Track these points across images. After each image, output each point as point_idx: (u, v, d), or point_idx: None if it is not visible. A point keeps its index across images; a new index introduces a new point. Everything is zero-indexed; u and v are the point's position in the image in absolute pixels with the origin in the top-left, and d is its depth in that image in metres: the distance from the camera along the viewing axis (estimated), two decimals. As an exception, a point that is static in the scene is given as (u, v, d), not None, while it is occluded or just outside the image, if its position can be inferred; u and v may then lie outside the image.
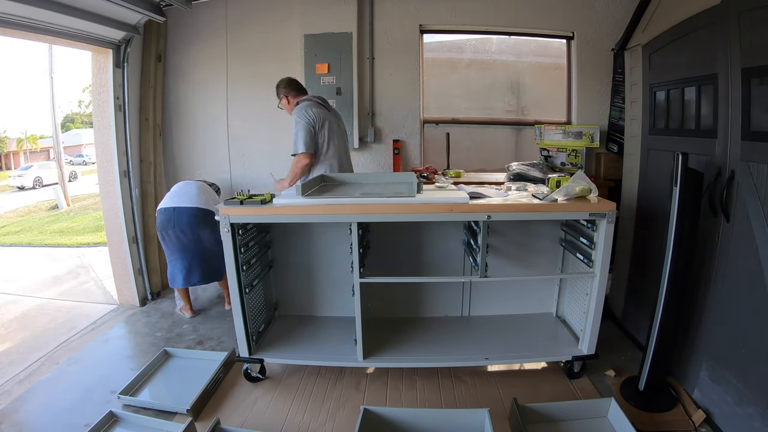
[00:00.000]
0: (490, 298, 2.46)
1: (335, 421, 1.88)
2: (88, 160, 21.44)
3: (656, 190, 2.32)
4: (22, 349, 2.59)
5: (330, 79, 3.24)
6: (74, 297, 3.51)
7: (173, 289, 2.93)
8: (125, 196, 3.04)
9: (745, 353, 1.65)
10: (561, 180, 2.06)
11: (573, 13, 3.21)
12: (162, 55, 3.25)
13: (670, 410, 1.86)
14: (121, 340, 2.70)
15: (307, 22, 3.21)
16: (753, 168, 1.59)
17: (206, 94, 3.40)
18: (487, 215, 1.87)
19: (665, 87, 2.22)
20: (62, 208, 10.39)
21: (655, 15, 2.37)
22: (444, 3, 3.23)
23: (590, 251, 1.99)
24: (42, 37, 2.45)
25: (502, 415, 1.86)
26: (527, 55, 3.49)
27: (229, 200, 1.95)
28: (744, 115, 1.64)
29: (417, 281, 2.44)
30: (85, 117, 26.70)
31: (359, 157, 3.39)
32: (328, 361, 2.14)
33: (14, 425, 1.91)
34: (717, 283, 1.80)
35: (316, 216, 1.92)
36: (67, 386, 2.17)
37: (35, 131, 25.27)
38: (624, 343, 2.46)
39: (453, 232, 2.35)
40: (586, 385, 2.08)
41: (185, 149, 3.48)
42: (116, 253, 3.12)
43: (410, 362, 2.11)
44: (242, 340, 2.07)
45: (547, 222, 2.30)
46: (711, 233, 1.82)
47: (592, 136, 3.15)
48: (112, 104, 2.89)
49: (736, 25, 1.65)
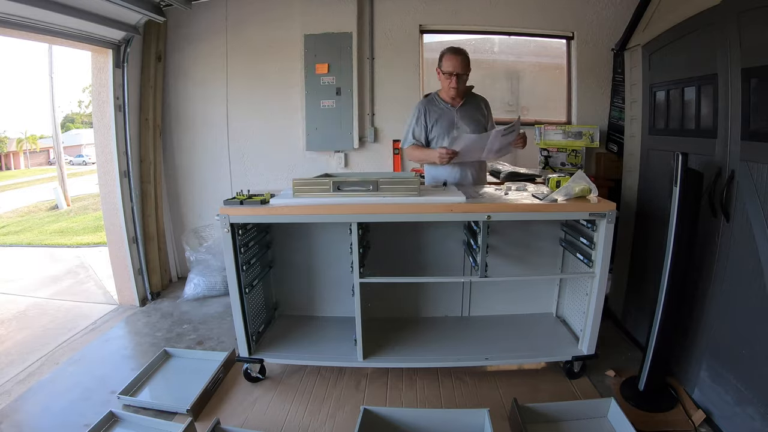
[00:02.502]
0: (490, 298, 2.46)
1: (335, 421, 1.88)
2: (88, 160, 21.46)
3: (656, 190, 2.32)
4: (22, 349, 2.59)
5: (330, 79, 3.24)
6: (74, 297, 3.51)
7: (173, 289, 2.92)
8: (125, 196, 3.03)
9: (745, 353, 1.65)
10: (561, 180, 2.06)
11: (573, 13, 3.21)
12: (162, 55, 3.25)
13: (670, 410, 1.86)
14: (121, 340, 2.69)
15: (307, 22, 3.21)
16: (753, 168, 1.59)
17: (206, 94, 3.40)
18: (487, 215, 1.87)
19: (665, 87, 2.22)
20: (62, 208, 10.40)
21: (655, 15, 2.37)
22: (444, 3, 3.23)
23: (590, 251, 1.99)
24: (42, 37, 2.44)
25: (502, 415, 1.86)
26: (527, 55, 3.49)
27: (229, 200, 1.95)
28: (744, 115, 1.64)
29: (417, 281, 2.44)
30: (85, 117, 26.75)
31: (359, 156, 3.40)
32: (328, 361, 2.14)
33: (14, 425, 1.90)
34: (717, 283, 1.80)
35: (316, 216, 1.92)
36: (67, 386, 2.17)
37: (35, 131, 25.34)
38: (624, 343, 2.46)
39: (453, 232, 2.35)
40: (586, 385, 2.08)
41: (185, 149, 3.48)
42: (116, 253, 3.12)
43: (410, 362, 2.11)
44: (242, 340, 2.07)
45: (547, 222, 2.29)
46: (711, 233, 1.82)
47: (592, 136, 3.15)
48: (112, 104, 2.89)
49: (736, 25, 1.65)
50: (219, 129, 3.44)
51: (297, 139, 3.39)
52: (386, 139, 3.38)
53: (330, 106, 3.27)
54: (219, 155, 3.47)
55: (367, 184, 1.93)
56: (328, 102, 3.27)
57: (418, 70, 3.31)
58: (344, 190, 1.94)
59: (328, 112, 3.28)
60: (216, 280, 3.23)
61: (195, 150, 3.48)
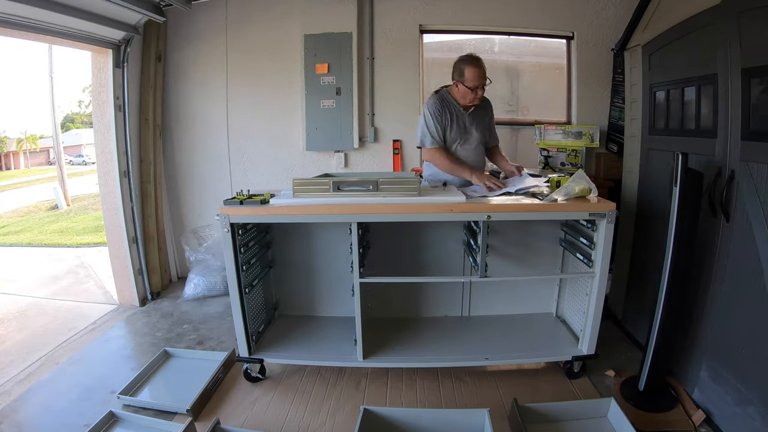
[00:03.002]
0: (490, 298, 2.46)
1: (335, 421, 1.88)
2: (88, 160, 21.46)
3: (656, 190, 2.32)
4: (21, 349, 2.59)
5: (330, 79, 3.23)
6: (74, 297, 3.51)
7: (173, 289, 2.92)
8: (125, 196, 3.03)
9: (745, 353, 1.65)
10: (561, 180, 2.06)
11: (573, 13, 3.21)
12: (162, 55, 3.25)
13: (670, 410, 1.86)
14: (121, 340, 2.69)
15: (307, 22, 3.21)
16: (753, 168, 1.59)
17: (206, 94, 3.40)
18: (487, 215, 1.87)
19: (665, 87, 2.22)
20: (62, 208, 10.39)
21: (655, 15, 2.37)
22: (444, 3, 3.23)
23: (590, 251, 1.99)
24: (42, 37, 2.44)
25: (502, 415, 1.86)
26: (527, 55, 3.49)
27: (229, 200, 1.95)
28: (744, 115, 1.64)
29: (417, 281, 2.44)
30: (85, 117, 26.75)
31: (359, 156, 3.39)
32: (328, 361, 2.14)
33: (14, 425, 1.90)
34: (717, 283, 1.80)
35: (315, 216, 1.92)
36: (67, 386, 2.17)
37: (35, 131, 25.34)
38: (624, 343, 2.46)
39: (453, 232, 2.35)
40: (586, 385, 2.08)
41: (185, 149, 3.48)
42: (116, 253, 3.12)
43: (410, 362, 2.11)
44: (242, 340, 2.07)
45: (547, 222, 2.30)
46: (711, 233, 1.82)
47: (592, 136, 3.15)
48: (112, 104, 2.89)
49: (736, 25, 1.65)
50: (219, 129, 3.44)
51: (297, 139, 3.39)
52: (386, 139, 3.37)
53: (330, 106, 3.27)
54: (219, 155, 3.47)
55: (367, 184, 1.93)
56: (328, 102, 3.27)
57: (418, 70, 3.31)
58: (344, 190, 1.94)
59: (328, 112, 3.28)
60: (216, 280, 3.23)
61: (195, 150, 3.48)
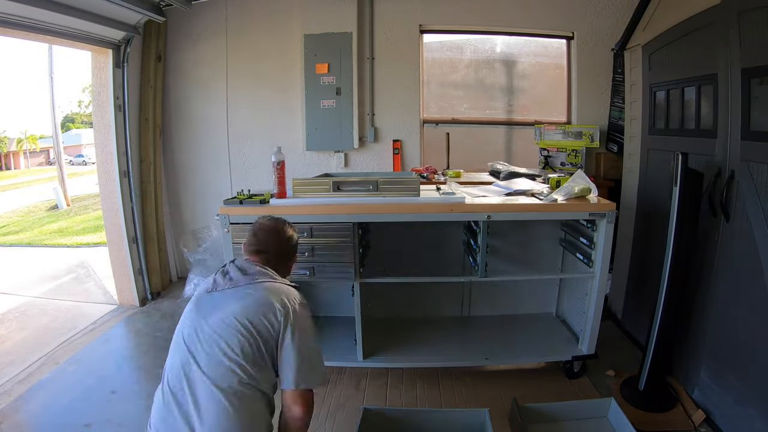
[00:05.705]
0: (490, 298, 2.46)
1: (335, 421, 1.88)
2: (88, 160, 21.46)
3: (656, 190, 2.32)
4: (22, 349, 2.59)
5: (330, 79, 3.23)
6: (74, 297, 3.50)
7: (173, 290, 2.92)
8: (125, 196, 3.03)
9: (745, 353, 1.65)
10: (561, 180, 2.06)
11: (573, 13, 3.21)
12: (162, 55, 3.25)
13: (670, 410, 1.86)
14: (121, 340, 2.70)
15: (307, 22, 3.20)
16: (753, 168, 1.59)
17: (206, 94, 3.40)
18: (487, 215, 1.87)
19: (665, 87, 2.22)
20: (62, 207, 10.39)
21: (655, 15, 2.37)
22: (444, 3, 3.23)
23: (590, 251, 1.99)
24: (42, 37, 2.44)
25: (502, 415, 1.86)
26: (527, 55, 3.48)
27: (229, 200, 1.96)
28: (744, 115, 1.64)
29: (417, 281, 2.43)
30: (85, 117, 26.73)
31: (359, 156, 3.39)
32: (327, 360, 2.10)
33: (14, 425, 1.90)
34: (717, 283, 1.80)
35: (316, 216, 1.92)
36: (67, 386, 2.17)
37: (35, 131, 25.33)
38: (624, 343, 2.46)
39: (453, 232, 2.35)
40: (586, 385, 2.08)
41: (185, 149, 3.48)
42: (116, 253, 3.12)
43: (410, 362, 2.11)
44: (242, 340, 2.06)
45: (547, 222, 2.30)
46: (711, 233, 1.82)
47: (592, 136, 3.15)
48: (112, 104, 2.89)
49: (736, 25, 1.65)
50: (219, 129, 3.44)
51: (297, 139, 3.38)
52: (386, 139, 3.37)
53: (330, 106, 3.27)
54: (219, 155, 3.47)
55: (367, 184, 1.93)
56: (328, 102, 3.26)
57: (418, 70, 3.31)
58: (344, 190, 1.94)
59: (328, 112, 3.28)
60: (216, 280, 3.22)
61: (195, 150, 3.48)
